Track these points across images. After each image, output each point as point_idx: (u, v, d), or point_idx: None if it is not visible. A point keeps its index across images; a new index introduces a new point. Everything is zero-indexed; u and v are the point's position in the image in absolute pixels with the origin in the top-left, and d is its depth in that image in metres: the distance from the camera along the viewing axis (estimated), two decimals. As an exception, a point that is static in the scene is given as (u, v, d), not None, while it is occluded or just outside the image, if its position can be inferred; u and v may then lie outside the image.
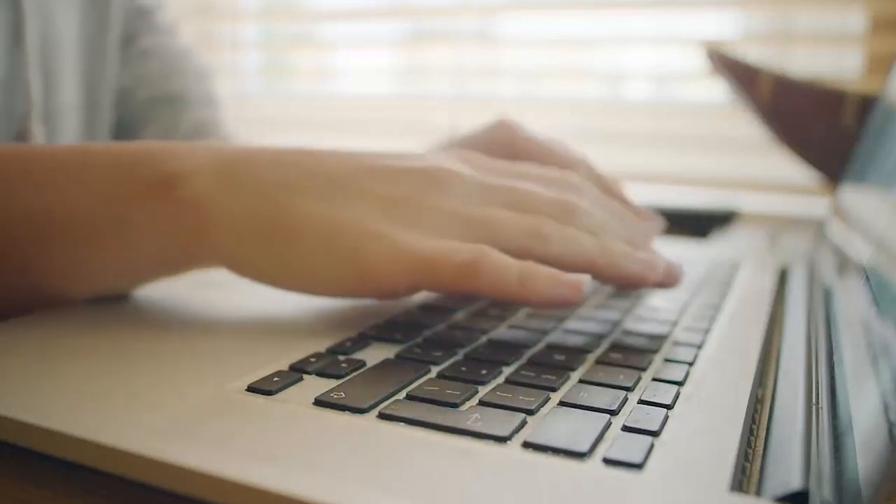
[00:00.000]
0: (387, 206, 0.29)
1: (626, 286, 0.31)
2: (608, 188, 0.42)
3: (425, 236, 0.28)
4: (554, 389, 0.24)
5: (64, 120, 0.48)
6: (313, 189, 0.29)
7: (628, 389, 0.24)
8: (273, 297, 0.33)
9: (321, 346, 0.27)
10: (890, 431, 0.16)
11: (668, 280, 0.32)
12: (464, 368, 0.26)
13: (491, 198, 0.31)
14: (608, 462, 0.19)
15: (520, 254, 0.29)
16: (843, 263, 0.36)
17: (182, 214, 0.28)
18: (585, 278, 0.28)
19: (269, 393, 0.23)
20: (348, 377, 0.25)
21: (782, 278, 0.43)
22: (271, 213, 0.28)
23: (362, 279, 0.28)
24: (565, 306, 0.28)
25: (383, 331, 0.29)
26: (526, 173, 0.33)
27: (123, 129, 0.55)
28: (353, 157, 0.30)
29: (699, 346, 0.29)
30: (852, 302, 0.29)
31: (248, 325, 0.29)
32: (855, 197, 0.43)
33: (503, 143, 0.41)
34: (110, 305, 0.32)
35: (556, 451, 0.20)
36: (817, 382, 0.25)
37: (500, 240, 0.29)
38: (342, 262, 0.28)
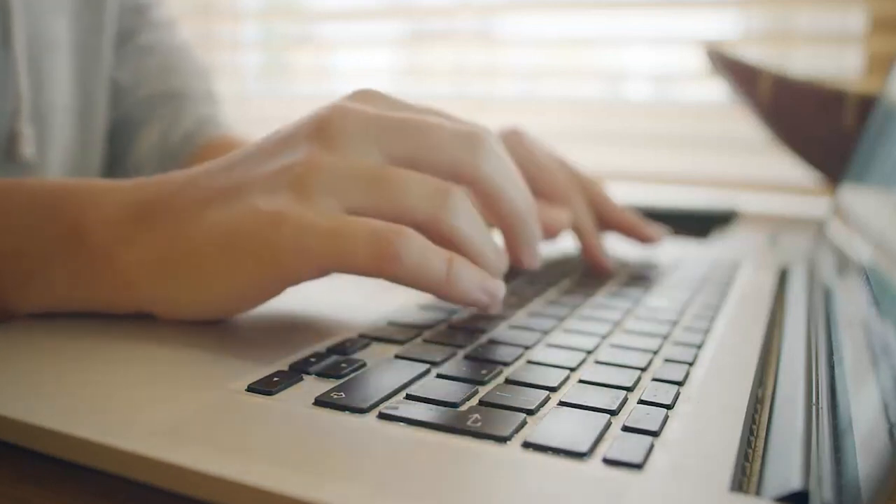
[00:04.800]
0: (277, 179, 0.27)
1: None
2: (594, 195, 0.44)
3: (328, 207, 0.26)
4: (554, 389, 0.24)
5: (56, 121, 0.48)
6: (211, 201, 0.27)
7: (628, 389, 0.24)
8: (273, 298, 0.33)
9: (321, 346, 0.27)
10: (890, 431, 0.16)
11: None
12: (464, 368, 0.26)
13: (389, 137, 0.28)
14: (608, 462, 0.19)
15: (427, 222, 0.27)
16: (843, 263, 0.36)
17: (96, 268, 0.28)
18: (502, 288, 0.27)
19: (269, 393, 0.23)
20: (348, 377, 0.25)
21: (782, 278, 0.43)
22: (176, 245, 0.27)
23: (266, 268, 0.26)
24: (478, 310, 0.27)
25: (383, 331, 0.29)
26: (435, 112, 0.31)
27: (123, 127, 0.55)
28: (248, 147, 0.29)
29: (699, 346, 0.29)
30: (852, 302, 0.29)
31: (248, 326, 0.29)
32: (855, 197, 0.43)
33: (508, 149, 0.40)
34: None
35: (556, 451, 0.20)
36: (817, 382, 0.25)
37: (405, 203, 0.27)
38: (244, 257, 0.26)
